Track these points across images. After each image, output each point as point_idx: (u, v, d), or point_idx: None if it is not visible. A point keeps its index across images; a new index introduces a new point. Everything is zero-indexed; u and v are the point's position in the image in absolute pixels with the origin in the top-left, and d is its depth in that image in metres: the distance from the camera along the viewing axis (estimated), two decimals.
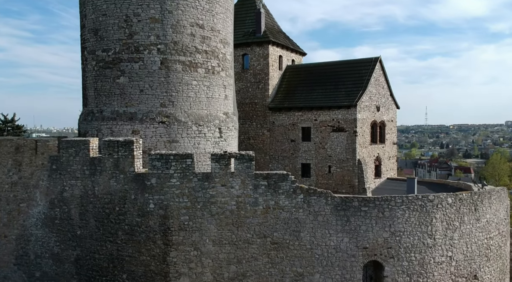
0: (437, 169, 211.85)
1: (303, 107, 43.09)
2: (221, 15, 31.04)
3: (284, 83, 46.00)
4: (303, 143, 43.09)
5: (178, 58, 28.75)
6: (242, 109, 45.44)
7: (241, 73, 45.49)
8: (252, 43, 44.91)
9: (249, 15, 46.86)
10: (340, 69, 44.34)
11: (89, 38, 29.54)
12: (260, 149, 45.25)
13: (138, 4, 28.12)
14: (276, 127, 44.53)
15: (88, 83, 29.91)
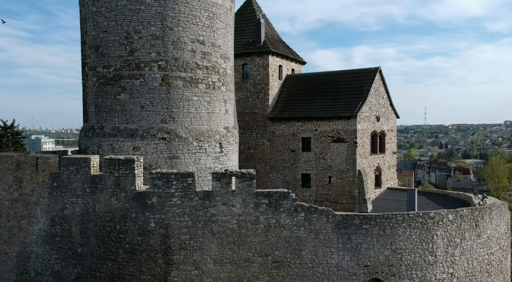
0: (436, 170, 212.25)
1: (303, 118, 43.10)
2: (222, 31, 31.05)
3: (284, 93, 46.00)
4: (303, 153, 43.09)
5: (179, 74, 28.75)
6: (242, 119, 45.44)
7: (241, 83, 45.49)
8: (252, 53, 44.91)
9: (249, 24, 46.87)
10: (340, 79, 44.36)
11: (90, 55, 29.53)
12: (260, 159, 45.26)
13: (139, 21, 28.12)
14: (276, 137, 44.53)
15: (89, 99, 29.91)
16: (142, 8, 28.12)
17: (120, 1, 28.23)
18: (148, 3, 28.11)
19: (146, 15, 28.15)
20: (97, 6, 28.89)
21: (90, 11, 29.38)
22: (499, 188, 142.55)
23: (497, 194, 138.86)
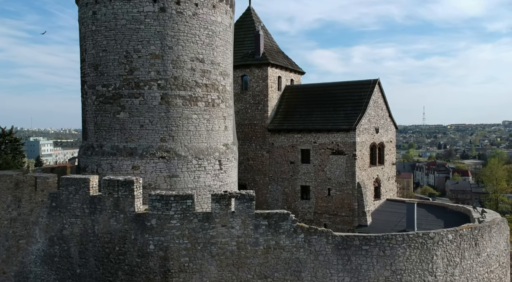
0: (435, 172, 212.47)
1: (302, 130, 43.07)
2: (221, 48, 31.03)
3: (283, 104, 45.97)
4: (303, 165, 43.06)
5: (178, 93, 28.72)
6: (241, 130, 45.42)
7: (240, 94, 45.45)
8: (251, 65, 44.87)
9: (248, 35, 46.84)
10: (339, 91, 44.34)
11: (89, 73, 29.48)
12: (259, 170, 45.23)
13: (138, 41, 28.09)
14: (275, 149, 44.50)
15: (88, 117, 29.86)
16: (142, 27, 28.08)
17: (120, 21, 28.18)
18: (148, 22, 28.07)
19: (145, 34, 28.11)
20: (97, 25, 28.84)
21: (89, 30, 29.33)
22: (497, 190, 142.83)
23: (495, 196, 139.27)
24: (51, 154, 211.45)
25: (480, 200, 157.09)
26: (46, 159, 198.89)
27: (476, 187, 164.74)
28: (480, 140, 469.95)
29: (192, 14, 29.09)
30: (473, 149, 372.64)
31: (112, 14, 28.31)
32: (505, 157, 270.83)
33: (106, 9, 28.44)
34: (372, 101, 42.74)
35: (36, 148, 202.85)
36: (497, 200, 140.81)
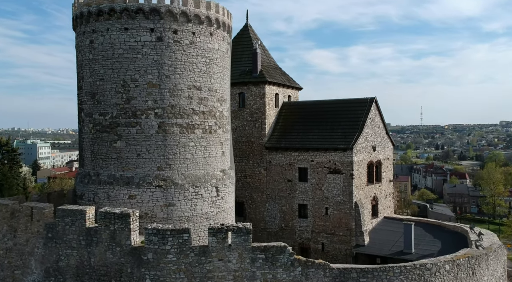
0: (433, 174, 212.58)
1: (300, 148, 43.02)
2: (218, 74, 30.98)
3: (281, 121, 45.91)
4: (300, 183, 43.02)
5: (175, 121, 28.67)
6: (239, 148, 45.37)
7: (237, 111, 45.38)
8: (248, 83, 44.82)
9: (245, 52, 46.76)
10: (336, 109, 44.33)
11: (86, 101, 29.40)
12: (257, 188, 45.19)
13: (135, 70, 28.03)
14: (273, 167, 44.45)
15: (85, 145, 29.78)
16: (139, 57, 28.02)
17: (117, 50, 28.11)
18: (145, 52, 28.01)
19: (143, 64, 28.05)
20: (94, 54, 28.76)
21: (86, 58, 29.25)
22: (495, 194, 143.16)
23: (493, 200, 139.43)
24: (49, 157, 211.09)
25: (478, 204, 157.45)
26: (43, 162, 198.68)
27: (473, 190, 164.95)
28: (478, 141, 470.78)
29: (190, 43, 29.03)
30: (471, 150, 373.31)
31: (110, 44, 28.22)
32: (502, 158, 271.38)
33: (103, 39, 28.35)
34: (369, 120, 42.73)
35: (34, 151, 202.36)
36: (495, 204, 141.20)
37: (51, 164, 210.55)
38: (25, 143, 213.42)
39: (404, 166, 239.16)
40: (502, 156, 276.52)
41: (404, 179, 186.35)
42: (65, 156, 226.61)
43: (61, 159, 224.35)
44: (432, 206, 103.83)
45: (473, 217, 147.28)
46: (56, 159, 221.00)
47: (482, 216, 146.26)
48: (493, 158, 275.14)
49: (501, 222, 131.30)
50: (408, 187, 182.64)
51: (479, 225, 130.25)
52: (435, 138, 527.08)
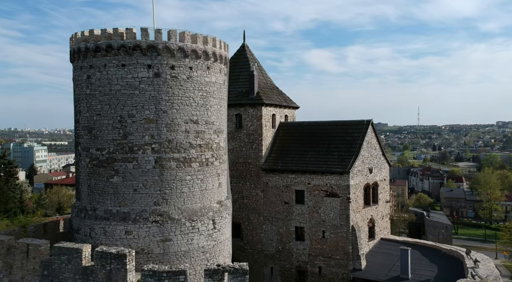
0: (430, 178, 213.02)
1: (297, 170, 43.12)
2: (215, 107, 31.06)
3: (278, 142, 46.01)
4: (297, 206, 43.14)
5: (172, 155, 28.76)
6: (236, 169, 45.48)
7: (234, 132, 45.47)
8: (245, 104, 44.91)
9: (242, 73, 46.83)
10: (332, 130, 44.46)
11: (83, 135, 29.45)
12: (253, 209, 45.29)
13: (132, 106, 28.08)
14: (269, 188, 44.55)
15: (82, 178, 29.83)
16: (136, 93, 28.08)
17: (114, 86, 28.17)
18: (142, 87, 28.08)
19: (140, 100, 28.12)
20: (91, 89, 28.81)
21: (84, 93, 29.29)
22: (491, 199, 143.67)
23: (489, 205, 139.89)
24: (45, 160, 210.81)
25: (474, 208, 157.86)
26: (40, 166, 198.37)
27: (470, 194, 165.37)
28: (475, 141, 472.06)
29: (187, 78, 29.12)
30: (467, 151, 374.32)
31: (107, 80, 28.29)
32: (499, 160, 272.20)
33: (101, 74, 28.41)
34: (365, 143, 42.88)
35: (30, 154, 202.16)
36: (491, 209, 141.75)
37: (47, 166, 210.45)
38: (21, 146, 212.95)
39: (401, 169, 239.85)
40: (498, 158, 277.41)
41: (401, 182, 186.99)
42: (62, 159, 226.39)
43: (58, 161, 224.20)
44: (429, 214, 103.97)
45: (469, 222, 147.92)
46: (53, 162, 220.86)
47: (478, 220, 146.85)
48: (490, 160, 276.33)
49: (497, 226, 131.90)
50: (405, 191, 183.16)
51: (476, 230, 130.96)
52: (432, 139, 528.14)
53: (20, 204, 68.25)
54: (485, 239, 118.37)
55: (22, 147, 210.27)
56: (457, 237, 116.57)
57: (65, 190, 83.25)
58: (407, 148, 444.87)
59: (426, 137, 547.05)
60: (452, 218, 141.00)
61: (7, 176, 72.34)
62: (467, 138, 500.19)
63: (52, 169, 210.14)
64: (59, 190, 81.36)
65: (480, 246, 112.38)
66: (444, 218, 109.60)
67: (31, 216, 63.62)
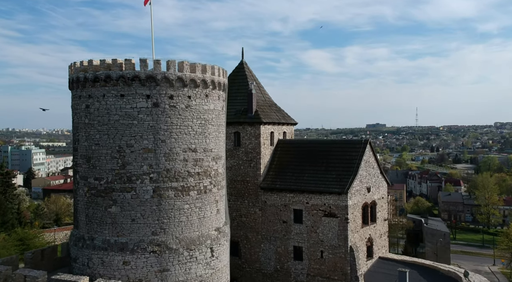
0: (428, 181, 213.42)
1: (295, 190, 43.12)
2: (214, 134, 31.04)
3: (276, 160, 46.01)
4: (295, 225, 43.14)
5: (170, 184, 28.72)
6: (234, 186, 45.50)
7: (233, 150, 45.47)
8: (244, 123, 44.92)
9: (241, 91, 46.83)
10: (330, 149, 44.52)
11: (82, 164, 29.39)
12: (252, 228, 45.29)
13: (131, 136, 28.05)
14: (268, 207, 44.55)
15: (80, 207, 29.78)
16: (135, 123, 28.04)
17: (113, 116, 28.13)
18: (141, 118, 28.05)
19: (138, 130, 28.08)
20: (90, 118, 28.76)
21: (82, 122, 29.25)
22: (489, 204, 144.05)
23: (487, 210, 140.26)
24: (43, 163, 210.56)
25: (472, 212, 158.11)
26: (38, 168, 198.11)
27: (468, 199, 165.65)
28: (472, 142, 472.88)
29: (185, 107, 29.09)
30: (465, 153, 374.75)
31: (106, 109, 28.24)
32: (497, 163, 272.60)
33: (100, 104, 28.37)
34: (364, 162, 42.91)
35: (28, 157, 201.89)
36: (489, 213, 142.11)
37: (45, 169, 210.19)
38: (19, 149, 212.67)
39: (400, 172, 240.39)
40: (496, 160, 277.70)
41: (399, 186, 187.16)
42: (60, 161, 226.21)
43: (56, 164, 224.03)
44: (427, 221, 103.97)
45: (467, 226, 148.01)
46: (51, 164, 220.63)
47: (476, 225, 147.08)
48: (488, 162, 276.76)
49: (495, 231, 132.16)
50: (404, 195, 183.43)
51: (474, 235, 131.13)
52: (430, 140, 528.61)
53: (18, 215, 68.12)
54: (483, 245, 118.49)
55: (20, 150, 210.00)
56: (455, 242, 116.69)
57: (63, 199, 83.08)
58: (405, 149, 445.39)
59: (424, 138, 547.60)
60: (450, 222, 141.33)
61: (5, 186, 72.26)
62: (465, 140, 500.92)
63: (50, 171, 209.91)
64: (57, 199, 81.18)
65: (478, 251, 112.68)
66: (442, 225, 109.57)
67: (29, 228, 63.61)
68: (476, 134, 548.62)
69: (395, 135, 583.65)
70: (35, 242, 58.85)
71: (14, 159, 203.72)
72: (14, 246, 53.53)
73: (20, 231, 58.74)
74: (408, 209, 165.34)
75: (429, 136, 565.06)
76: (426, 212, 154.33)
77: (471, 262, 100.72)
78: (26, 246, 56.81)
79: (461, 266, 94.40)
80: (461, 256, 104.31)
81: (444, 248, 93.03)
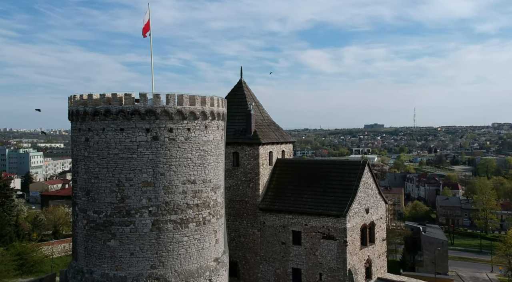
0: (426, 184, 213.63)
1: (293, 211, 43.12)
2: (213, 164, 31.06)
3: (275, 180, 46.01)
4: (294, 247, 43.14)
5: (169, 217, 28.74)
6: (233, 207, 45.50)
7: (231, 170, 45.46)
8: (242, 143, 44.93)
9: (240, 110, 46.81)
10: (329, 170, 44.51)
11: (81, 196, 29.40)
12: (250, 249, 45.29)
13: (130, 169, 28.05)
14: (266, 228, 44.54)
15: (79, 239, 29.78)
16: (134, 156, 28.05)
17: (112, 150, 28.14)
18: (140, 151, 28.06)
19: (138, 163, 28.09)
20: (89, 151, 28.77)
21: (82, 155, 29.26)
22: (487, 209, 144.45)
23: (485, 215, 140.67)
24: (41, 166, 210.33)
25: (470, 217, 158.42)
26: (36, 171, 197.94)
27: (466, 203, 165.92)
28: (470, 143, 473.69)
29: (185, 139, 29.12)
30: (463, 154, 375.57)
31: (105, 143, 28.25)
32: (494, 165, 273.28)
33: (99, 138, 28.37)
34: (362, 184, 42.93)
35: (26, 160, 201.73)
36: (487, 218, 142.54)
37: (43, 172, 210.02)
38: (17, 152, 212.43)
39: (398, 175, 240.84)
40: (494, 163, 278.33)
41: (397, 191, 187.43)
42: (58, 164, 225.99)
43: (53, 167, 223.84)
44: (425, 229, 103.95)
45: (465, 231, 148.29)
46: (49, 167, 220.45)
47: (474, 229, 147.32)
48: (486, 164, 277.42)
49: (492, 236, 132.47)
50: (402, 199, 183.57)
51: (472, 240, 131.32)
52: (428, 140, 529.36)
53: (16, 228, 68.02)
54: (481, 250, 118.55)
55: (17, 153, 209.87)
56: (453, 248, 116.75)
57: (62, 209, 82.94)
58: (403, 150, 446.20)
59: (422, 139, 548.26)
60: (448, 227, 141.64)
61: (3, 198, 72.19)
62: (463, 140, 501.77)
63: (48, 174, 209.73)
64: (56, 210, 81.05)
65: (476, 257, 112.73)
66: (440, 232, 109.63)
67: (26, 242, 63.48)
68: (474, 135, 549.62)
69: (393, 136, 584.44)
70: (33, 256, 58.84)
71: (12, 162, 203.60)
72: (11, 261, 53.50)
73: (18, 245, 58.65)
74: (406, 213, 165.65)
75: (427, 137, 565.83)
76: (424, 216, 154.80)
77: (469, 268, 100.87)
78: (24, 261, 56.83)
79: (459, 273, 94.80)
80: (459, 263, 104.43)
81: (442, 256, 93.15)
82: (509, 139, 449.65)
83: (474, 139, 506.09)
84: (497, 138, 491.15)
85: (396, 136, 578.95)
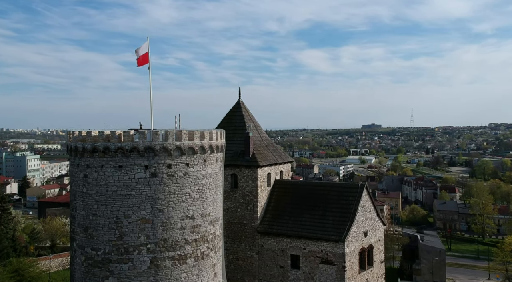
0: (423, 188, 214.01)
1: (292, 235, 43.01)
2: (211, 197, 30.95)
3: (273, 201, 45.90)
4: (292, 271, 43.03)
5: (167, 254, 28.60)
6: (231, 229, 45.36)
7: (229, 192, 45.33)
8: (241, 165, 44.80)
9: (238, 132, 46.65)
10: (327, 193, 44.33)
11: (79, 232, 29.26)
12: (249, 272, 45.17)
13: (129, 207, 27.94)
14: (265, 251, 44.41)
15: (77, 276, 29.63)
16: (133, 193, 27.93)
17: (111, 187, 28.01)
18: (139, 188, 27.94)
19: (136, 200, 27.98)
20: (88, 188, 28.64)
21: (80, 191, 29.12)
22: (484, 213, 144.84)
23: (482, 219, 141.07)
24: (38, 169, 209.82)
25: (467, 221, 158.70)
26: (33, 175, 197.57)
27: (463, 207, 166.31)
28: (467, 144, 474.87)
29: (183, 174, 29.01)
30: (460, 155, 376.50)
31: (103, 180, 28.11)
32: (491, 167, 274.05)
33: (98, 175, 28.24)
34: (360, 207, 42.82)
35: (23, 163, 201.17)
36: (484, 223, 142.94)
37: (40, 175, 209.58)
38: (14, 155, 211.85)
39: (395, 178, 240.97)
40: (490, 165, 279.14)
41: (395, 195, 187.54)
42: (55, 167, 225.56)
43: (50, 170, 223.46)
44: (423, 238, 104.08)
45: (462, 235, 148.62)
46: (46, 170, 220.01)
47: (471, 234, 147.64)
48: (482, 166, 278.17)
49: (489, 241, 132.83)
50: (399, 203, 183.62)
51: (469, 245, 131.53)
52: (425, 141, 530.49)
53: (13, 243, 67.78)
54: (478, 256, 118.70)
55: (14, 156, 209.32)
56: (450, 254, 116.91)
57: (59, 220, 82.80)
58: (401, 151, 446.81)
59: (419, 139, 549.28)
60: (445, 231, 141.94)
61: (0, 211, 71.93)
62: (460, 141, 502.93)
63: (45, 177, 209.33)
64: (53, 221, 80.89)
65: (473, 264, 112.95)
66: (438, 241, 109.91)
67: (24, 257, 63.23)
68: (471, 135, 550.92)
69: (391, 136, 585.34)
70: (30, 272, 58.60)
71: (9, 165, 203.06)
72: (8, 278, 53.31)
73: (15, 261, 58.40)
74: (403, 217, 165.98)
75: (424, 138, 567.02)
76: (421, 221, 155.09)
77: (466, 275, 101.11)
78: (21, 277, 56.58)
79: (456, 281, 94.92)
80: (456, 269, 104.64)
81: (440, 265, 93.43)
82: (506, 140, 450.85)
83: (471, 140, 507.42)
84: (494, 139, 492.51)
85: (394, 137, 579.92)
